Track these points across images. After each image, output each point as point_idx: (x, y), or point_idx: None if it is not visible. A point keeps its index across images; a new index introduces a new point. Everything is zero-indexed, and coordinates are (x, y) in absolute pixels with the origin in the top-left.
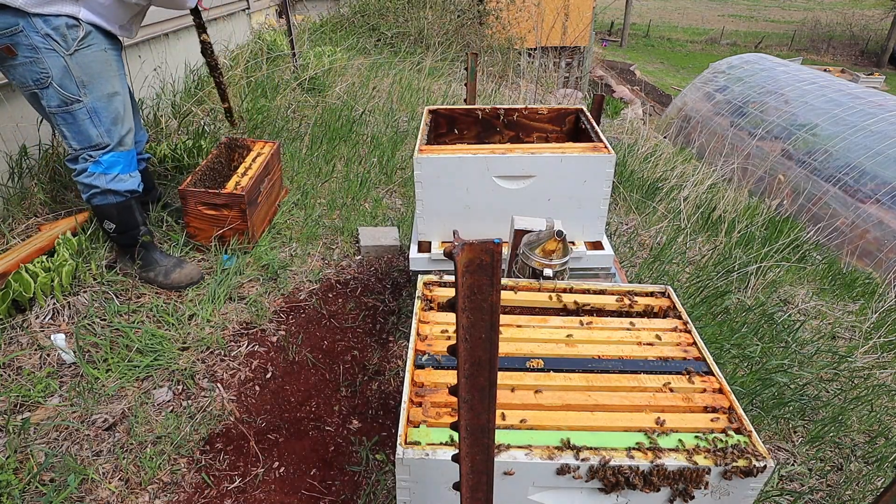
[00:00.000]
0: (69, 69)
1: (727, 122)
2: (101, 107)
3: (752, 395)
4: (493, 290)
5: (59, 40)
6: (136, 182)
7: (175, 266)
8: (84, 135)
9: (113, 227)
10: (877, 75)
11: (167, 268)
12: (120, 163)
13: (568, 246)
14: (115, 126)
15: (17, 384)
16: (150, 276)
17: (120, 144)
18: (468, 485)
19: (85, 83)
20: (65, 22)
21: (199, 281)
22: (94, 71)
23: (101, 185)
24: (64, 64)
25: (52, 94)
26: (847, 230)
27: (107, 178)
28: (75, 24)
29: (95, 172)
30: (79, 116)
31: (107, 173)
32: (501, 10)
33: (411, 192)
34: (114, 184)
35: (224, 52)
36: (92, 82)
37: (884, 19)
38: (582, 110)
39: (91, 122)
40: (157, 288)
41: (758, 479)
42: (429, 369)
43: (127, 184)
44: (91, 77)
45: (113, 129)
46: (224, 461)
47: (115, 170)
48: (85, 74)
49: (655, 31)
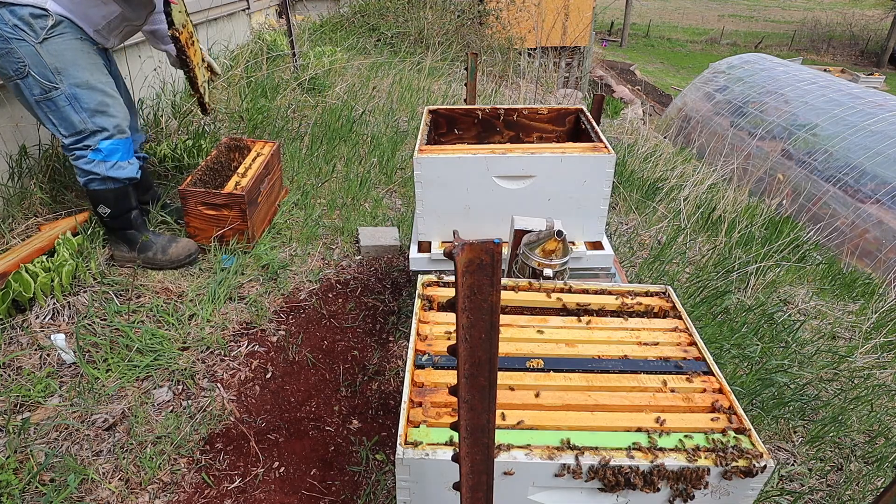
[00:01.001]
0: (41, 56)
1: (727, 122)
2: (80, 93)
3: (752, 395)
4: (493, 290)
5: (27, 29)
6: (135, 169)
7: (170, 241)
8: (68, 121)
9: (108, 211)
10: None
11: (162, 245)
12: (119, 150)
13: (568, 246)
14: (100, 115)
15: (17, 384)
16: (148, 256)
17: (119, 132)
18: (468, 485)
19: (59, 70)
20: (29, 12)
21: (197, 253)
22: (68, 59)
23: (102, 172)
24: (35, 52)
25: (33, 82)
26: (847, 230)
27: (107, 165)
28: (43, 13)
29: (95, 160)
30: (59, 103)
31: (107, 160)
32: (501, 10)
33: (411, 192)
34: (114, 171)
35: (224, 52)
36: (66, 69)
37: (884, 19)
38: (582, 110)
39: (72, 108)
40: (156, 288)
41: (758, 479)
42: (429, 369)
43: (126, 171)
44: (65, 64)
45: (98, 117)
46: (224, 461)
47: (115, 157)
48: (58, 62)
49: (655, 31)
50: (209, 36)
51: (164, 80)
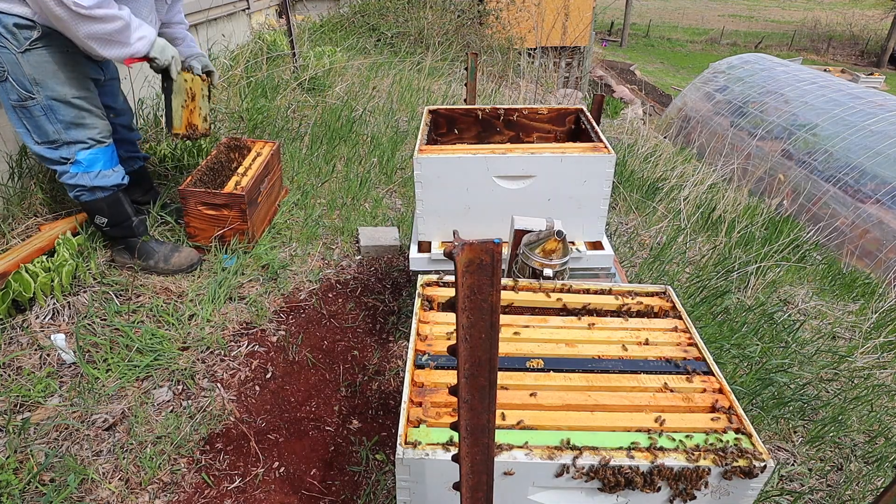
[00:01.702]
0: (21, 66)
1: (727, 122)
2: (56, 106)
3: (752, 395)
4: (493, 290)
5: (10, 38)
6: (121, 175)
7: (173, 251)
8: (41, 130)
9: (105, 220)
10: (877, 75)
11: (165, 253)
12: (101, 159)
13: (568, 246)
14: (75, 128)
15: (17, 384)
16: (150, 265)
17: (97, 142)
18: (468, 485)
19: (38, 81)
20: (14, 22)
21: (199, 263)
22: (48, 71)
23: (87, 183)
24: (15, 60)
25: (10, 87)
26: (847, 230)
27: (90, 175)
28: (29, 24)
29: (77, 172)
30: (34, 112)
31: (89, 171)
32: (501, 10)
33: (411, 192)
34: (99, 180)
35: (224, 52)
36: (45, 81)
37: (884, 19)
38: (582, 110)
39: (47, 119)
40: (157, 288)
41: (758, 479)
42: (429, 369)
43: (111, 178)
44: (44, 76)
45: (73, 130)
46: (224, 461)
47: (97, 166)
48: (37, 73)
49: (655, 31)
50: (209, 36)
51: None
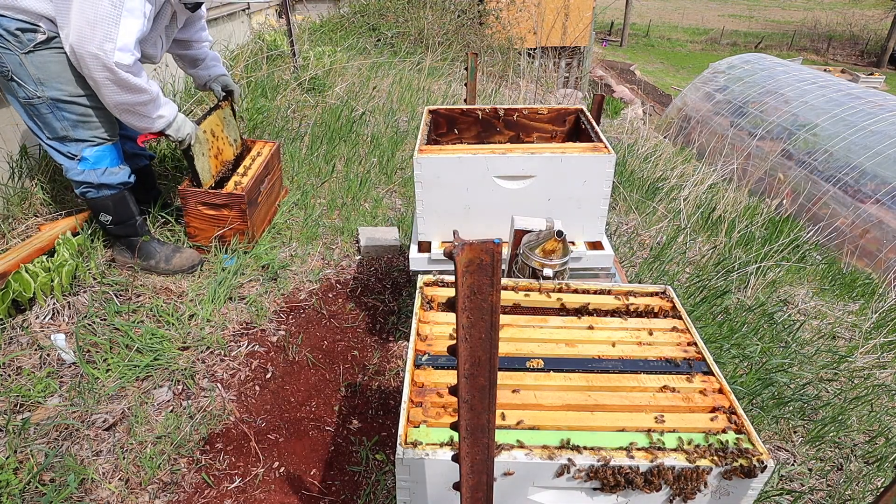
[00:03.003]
0: (25, 67)
1: (727, 122)
2: (62, 105)
3: (752, 395)
4: (493, 290)
5: (12, 40)
6: (127, 173)
7: (174, 251)
8: (50, 126)
9: (109, 218)
10: (877, 75)
11: (166, 254)
12: (107, 156)
13: (568, 246)
14: (82, 126)
15: (17, 384)
16: (151, 265)
17: (103, 140)
18: (468, 485)
19: (42, 81)
20: (17, 26)
21: (200, 264)
22: (52, 71)
23: (94, 180)
24: (19, 61)
25: (16, 87)
26: (847, 230)
27: (97, 172)
28: (33, 27)
29: (85, 169)
30: (42, 110)
31: (96, 168)
32: (501, 10)
33: (411, 192)
34: (106, 177)
35: (224, 52)
36: (49, 81)
37: (884, 19)
38: (582, 110)
39: (54, 116)
40: (157, 288)
41: (758, 479)
42: (429, 369)
43: (118, 176)
44: (48, 76)
45: (79, 128)
46: (224, 461)
47: (104, 163)
48: (41, 73)
49: (655, 31)
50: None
51: (164, 79)
